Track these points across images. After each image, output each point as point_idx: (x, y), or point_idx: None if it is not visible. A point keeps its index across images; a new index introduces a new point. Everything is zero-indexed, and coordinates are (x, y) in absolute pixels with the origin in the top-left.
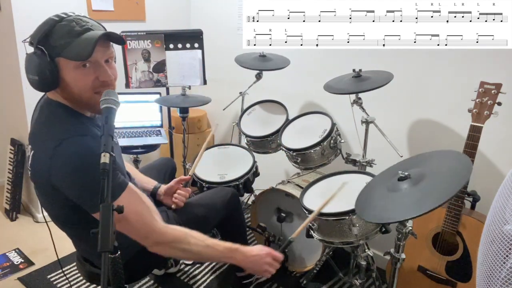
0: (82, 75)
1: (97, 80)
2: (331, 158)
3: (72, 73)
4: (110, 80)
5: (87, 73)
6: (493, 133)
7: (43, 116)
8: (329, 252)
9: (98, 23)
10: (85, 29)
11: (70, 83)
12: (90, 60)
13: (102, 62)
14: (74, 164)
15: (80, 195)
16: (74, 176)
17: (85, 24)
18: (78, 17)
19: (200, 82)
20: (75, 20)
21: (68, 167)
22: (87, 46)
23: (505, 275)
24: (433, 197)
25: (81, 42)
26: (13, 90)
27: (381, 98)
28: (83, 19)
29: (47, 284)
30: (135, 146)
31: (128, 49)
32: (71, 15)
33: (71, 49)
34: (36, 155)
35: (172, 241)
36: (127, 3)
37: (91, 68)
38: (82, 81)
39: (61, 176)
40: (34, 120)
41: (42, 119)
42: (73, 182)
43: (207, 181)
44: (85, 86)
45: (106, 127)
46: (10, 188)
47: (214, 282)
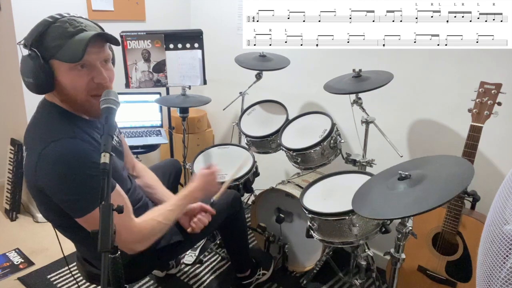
0: (76, 77)
1: (92, 82)
2: (331, 158)
3: (67, 75)
4: (105, 82)
5: (81, 75)
6: (493, 133)
7: (39, 118)
8: (329, 252)
9: (95, 23)
10: (78, 30)
11: (65, 85)
12: (84, 61)
13: (96, 63)
14: (59, 166)
15: (64, 198)
16: (57, 179)
17: (78, 25)
18: (73, 17)
19: (200, 82)
20: (69, 21)
21: (52, 169)
22: (79, 47)
23: (505, 275)
24: (430, 198)
25: (74, 44)
26: (13, 90)
27: (381, 98)
28: (77, 20)
29: (47, 284)
30: (135, 146)
31: (128, 49)
32: (65, 16)
33: (64, 51)
34: (27, 156)
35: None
36: (127, 3)
37: (85, 70)
38: (77, 83)
39: (46, 178)
40: (31, 120)
41: (36, 121)
42: (56, 184)
43: None
44: (80, 88)
45: (106, 127)
46: (10, 188)
47: (214, 282)
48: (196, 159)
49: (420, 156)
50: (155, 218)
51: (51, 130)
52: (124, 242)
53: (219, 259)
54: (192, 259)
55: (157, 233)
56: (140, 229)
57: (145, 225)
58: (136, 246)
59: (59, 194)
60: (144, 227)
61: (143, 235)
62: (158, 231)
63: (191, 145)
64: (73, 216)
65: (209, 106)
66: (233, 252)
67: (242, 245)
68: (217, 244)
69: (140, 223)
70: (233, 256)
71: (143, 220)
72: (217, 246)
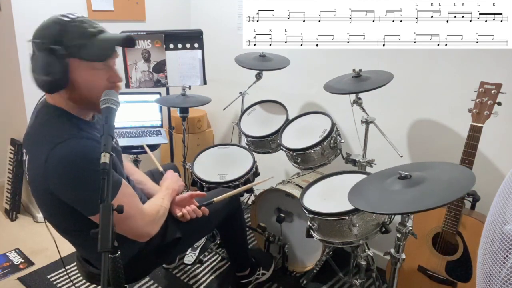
0: (96, 76)
1: (107, 81)
2: (331, 158)
3: (86, 74)
4: (120, 82)
5: (100, 74)
6: (493, 133)
7: (40, 121)
8: (329, 252)
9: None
10: (99, 31)
11: (81, 83)
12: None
13: (113, 63)
14: (70, 165)
15: (76, 197)
16: (68, 178)
17: (97, 26)
18: (85, 18)
19: (200, 82)
20: (87, 21)
21: (62, 170)
22: (107, 47)
23: (505, 275)
24: (428, 199)
25: (99, 43)
26: (13, 90)
27: (381, 98)
28: (92, 21)
29: (47, 284)
30: (135, 146)
31: (128, 49)
32: (79, 16)
33: (89, 50)
34: (32, 160)
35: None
36: (127, 3)
37: (103, 69)
38: (96, 82)
39: (56, 179)
40: (31, 123)
41: (39, 124)
42: (68, 184)
43: (207, 181)
44: (98, 86)
45: (106, 127)
46: (10, 188)
47: (214, 282)
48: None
49: (420, 156)
50: (156, 203)
51: (56, 132)
52: (140, 226)
53: (219, 259)
54: (192, 259)
55: (161, 217)
56: (150, 212)
57: (151, 209)
58: (149, 229)
59: (71, 194)
60: (152, 210)
61: (154, 218)
62: (162, 215)
63: (191, 145)
64: (87, 214)
65: (209, 106)
66: (232, 251)
67: (241, 244)
68: (217, 244)
69: (147, 207)
70: (232, 255)
71: (148, 205)
72: (217, 246)
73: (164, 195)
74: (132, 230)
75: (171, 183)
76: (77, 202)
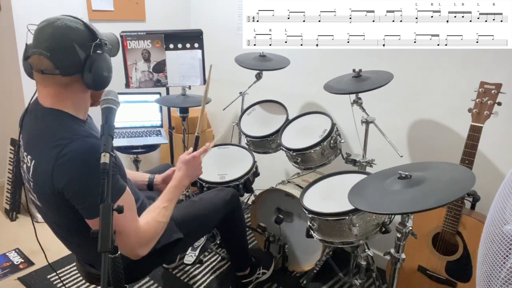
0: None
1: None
2: (331, 158)
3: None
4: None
5: None
6: (493, 133)
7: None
8: (329, 252)
9: None
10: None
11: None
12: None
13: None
14: (81, 164)
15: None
16: (81, 177)
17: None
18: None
19: (200, 82)
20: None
21: (75, 169)
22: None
23: (505, 275)
24: (428, 199)
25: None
26: (13, 90)
27: (381, 98)
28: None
29: (47, 284)
30: (135, 146)
31: (128, 49)
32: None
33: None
34: (37, 164)
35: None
36: (127, 3)
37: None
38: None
39: (68, 179)
40: (29, 128)
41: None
42: (81, 182)
43: (207, 181)
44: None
45: (106, 127)
46: (10, 188)
47: (214, 282)
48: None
49: (420, 156)
50: (156, 219)
51: (65, 134)
52: (131, 245)
53: (219, 259)
54: (192, 259)
55: (159, 233)
56: (145, 232)
57: (148, 227)
58: (140, 251)
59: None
60: (148, 230)
61: (150, 237)
62: (160, 231)
63: (191, 145)
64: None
65: (209, 106)
66: (232, 250)
67: (241, 243)
68: (217, 244)
69: (144, 225)
70: (232, 254)
71: (146, 222)
72: (217, 246)
73: (168, 203)
74: (121, 247)
75: (180, 180)
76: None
